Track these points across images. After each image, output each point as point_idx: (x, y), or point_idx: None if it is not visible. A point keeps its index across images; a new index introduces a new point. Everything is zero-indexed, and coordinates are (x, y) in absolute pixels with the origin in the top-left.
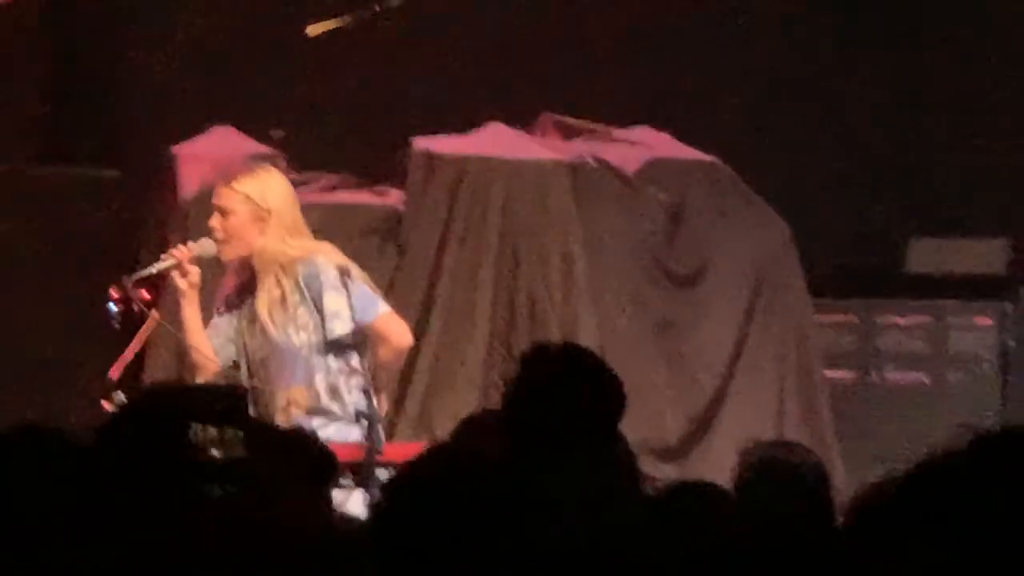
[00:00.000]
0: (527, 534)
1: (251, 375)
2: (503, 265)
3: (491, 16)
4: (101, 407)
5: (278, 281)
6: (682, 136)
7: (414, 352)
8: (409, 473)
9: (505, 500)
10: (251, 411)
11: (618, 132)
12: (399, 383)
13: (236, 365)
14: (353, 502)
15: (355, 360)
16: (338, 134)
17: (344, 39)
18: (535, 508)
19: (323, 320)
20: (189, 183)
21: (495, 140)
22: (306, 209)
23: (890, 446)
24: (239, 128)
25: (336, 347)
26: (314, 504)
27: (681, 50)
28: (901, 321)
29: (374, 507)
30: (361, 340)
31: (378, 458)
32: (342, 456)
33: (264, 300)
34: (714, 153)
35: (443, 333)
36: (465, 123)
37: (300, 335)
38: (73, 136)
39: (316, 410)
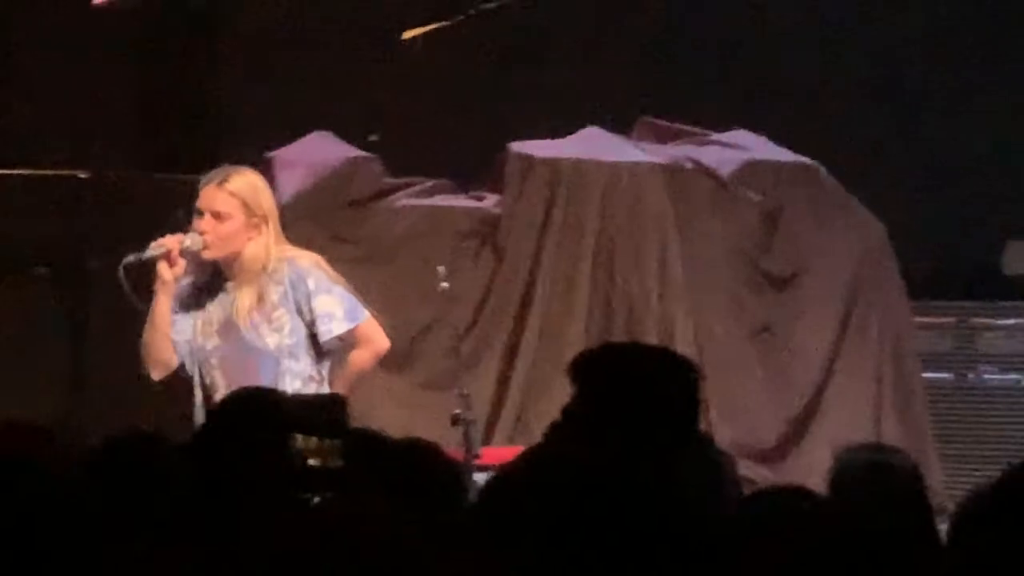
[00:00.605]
0: (621, 537)
1: (203, 376)
2: (600, 268)
3: (587, 20)
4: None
5: (258, 283)
6: (775, 138)
7: (511, 355)
8: (505, 477)
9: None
10: (202, 412)
11: (714, 135)
12: (496, 386)
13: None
14: None
15: (324, 368)
16: (435, 138)
17: (441, 43)
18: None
19: (314, 322)
20: (286, 187)
21: (591, 144)
22: (403, 212)
23: (988, 448)
24: (336, 133)
25: (308, 352)
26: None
27: (775, 53)
28: (998, 322)
29: (471, 511)
30: (335, 346)
31: (475, 462)
32: None
33: (243, 301)
34: (809, 154)
35: (540, 336)
36: (563, 127)
37: (272, 336)
38: (168, 142)
39: None
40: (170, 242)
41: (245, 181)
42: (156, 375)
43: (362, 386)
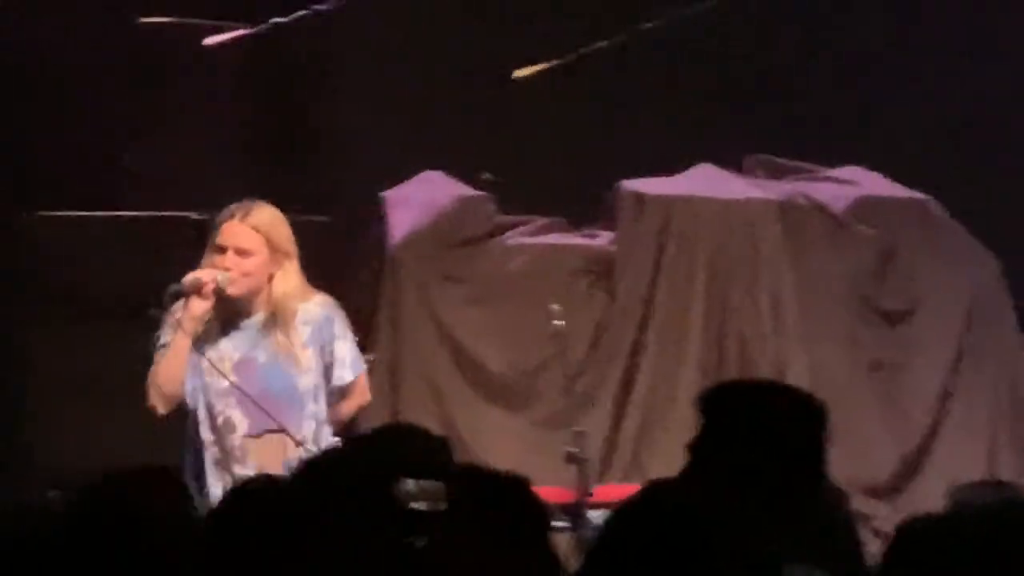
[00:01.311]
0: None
1: (213, 415)
2: (713, 305)
3: (698, 58)
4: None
5: (286, 321)
6: (890, 174)
7: (625, 393)
8: (621, 516)
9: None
10: (215, 454)
11: (827, 171)
12: (611, 424)
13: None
14: (565, 544)
15: (330, 412)
16: (547, 177)
17: (552, 82)
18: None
19: (333, 366)
20: (398, 227)
21: (704, 181)
22: (516, 251)
23: None
24: (448, 173)
25: (320, 396)
26: (527, 552)
27: (887, 88)
28: None
29: (586, 550)
30: (335, 392)
31: (589, 500)
32: (553, 498)
33: (272, 339)
34: (922, 190)
35: (654, 374)
36: (675, 164)
37: (302, 377)
38: (282, 183)
39: (291, 457)
40: (205, 276)
41: (267, 215)
42: (163, 409)
43: (478, 425)
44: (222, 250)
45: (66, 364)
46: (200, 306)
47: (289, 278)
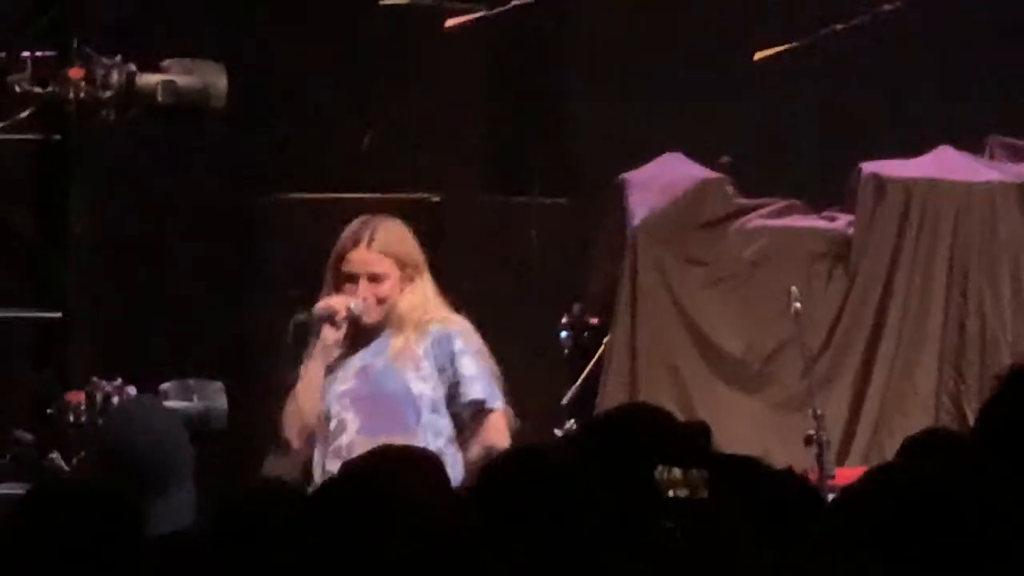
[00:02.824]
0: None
1: (327, 421)
2: (953, 289)
3: (939, 40)
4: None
5: (406, 330)
6: None
7: (865, 376)
8: (847, 495)
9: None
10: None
11: None
12: (850, 407)
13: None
14: None
15: (459, 438)
16: (787, 159)
17: (793, 63)
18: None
19: (457, 383)
20: (637, 210)
21: (944, 163)
22: (755, 233)
23: None
24: (688, 155)
25: (442, 409)
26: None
27: None
28: None
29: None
30: (466, 414)
31: (829, 483)
32: None
33: (395, 343)
34: None
35: (894, 358)
36: (913, 146)
37: (418, 384)
38: (521, 165)
39: None
40: (338, 304)
41: (392, 234)
42: (298, 443)
43: (716, 408)
44: (353, 278)
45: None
46: (333, 335)
47: (417, 291)
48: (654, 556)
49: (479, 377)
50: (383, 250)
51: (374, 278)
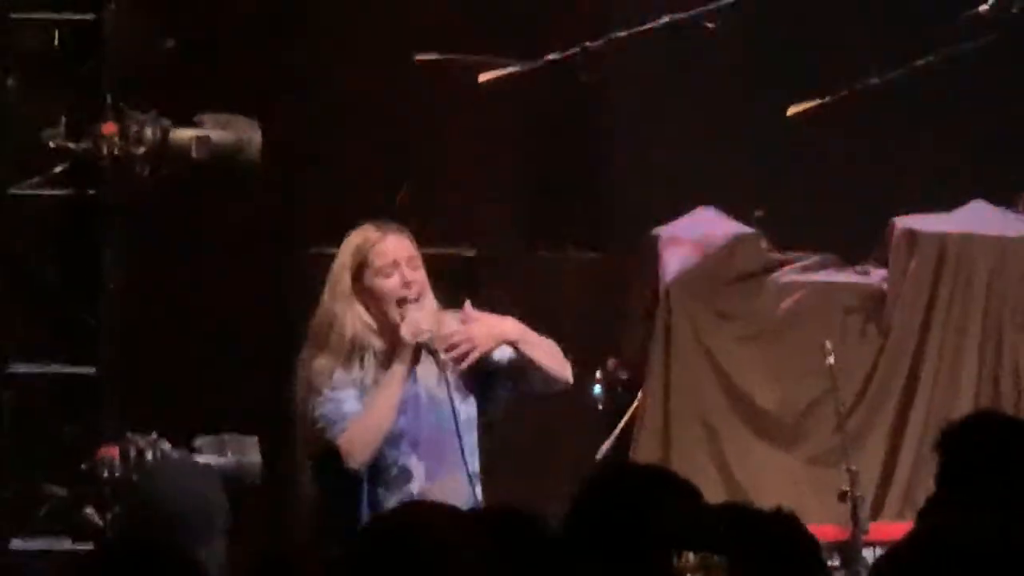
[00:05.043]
0: None
1: (383, 466)
2: (987, 344)
3: (973, 94)
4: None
5: (438, 350)
6: None
7: (899, 431)
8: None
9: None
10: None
11: None
12: (884, 462)
13: None
14: None
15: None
16: (820, 213)
17: (824, 118)
18: None
19: (489, 358)
20: (670, 265)
21: (977, 218)
22: (789, 288)
23: None
24: (721, 209)
25: (475, 424)
26: None
27: None
28: None
29: None
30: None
31: (864, 538)
32: (826, 537)
33: (431, 372)
34: None
35: (928, 411)
36: (946, 201)
37: (465, 408)
38: (554, 218)
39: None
40: (425, 325)
41: (410, 238)
42: (362, 464)
43: (750, 463)
44: (392, 267)
45: None
46: (410, 360)
47: (431, 298)
48: None
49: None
50: (409, 239)
51: (412, 261)
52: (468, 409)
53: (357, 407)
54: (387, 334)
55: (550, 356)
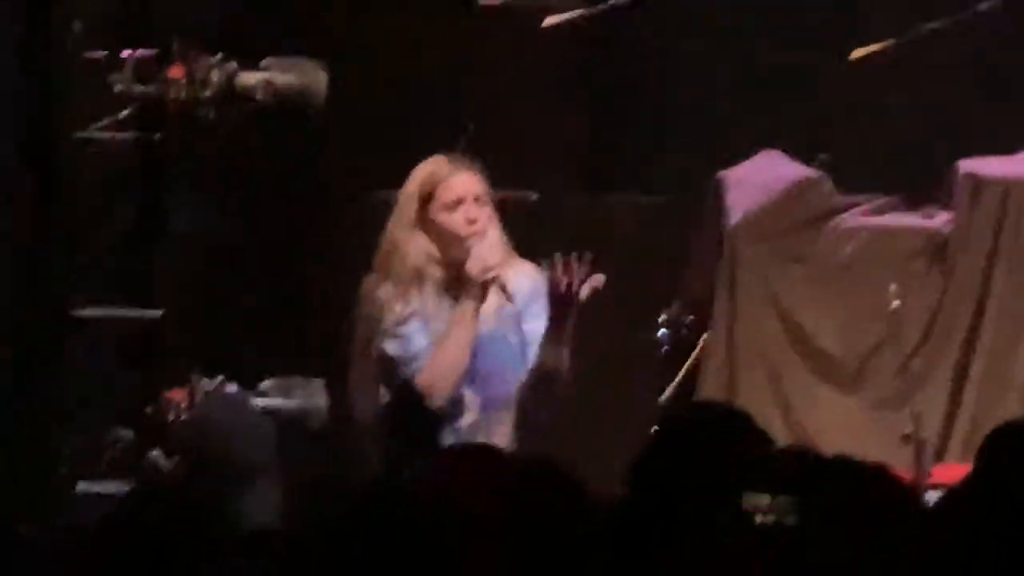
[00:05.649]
0: None
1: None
2: None
3: None
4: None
5: (502, 288)
6: None
7: (962, 374)
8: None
9: None
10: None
11: None
12: (947, 405)
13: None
14: None
15: None
16: (885, 157)
17: (890, 61)
18: None
19: (525, 347)
20: (734, 209)
21: None
22: (853, 231)
23: None
24: (785, 152)
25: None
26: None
27: None
28: None
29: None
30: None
31: (928, 482)
32: None
33: (489, 302)
34: None
35: (990, 355)
36: (1011, 144)
37: (528, 349)
38: (618, 163)
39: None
40: (492, 258)
41: (476, 168)
42: (444, 401)
43: (813, 406)
44: (458, 203)
45: None
46: (481, 299)
47: (499, 235)
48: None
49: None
50: (478, 175)
51: (480, 200)
52: (528, 346)
53: (425, 342)
54: (449, 268)
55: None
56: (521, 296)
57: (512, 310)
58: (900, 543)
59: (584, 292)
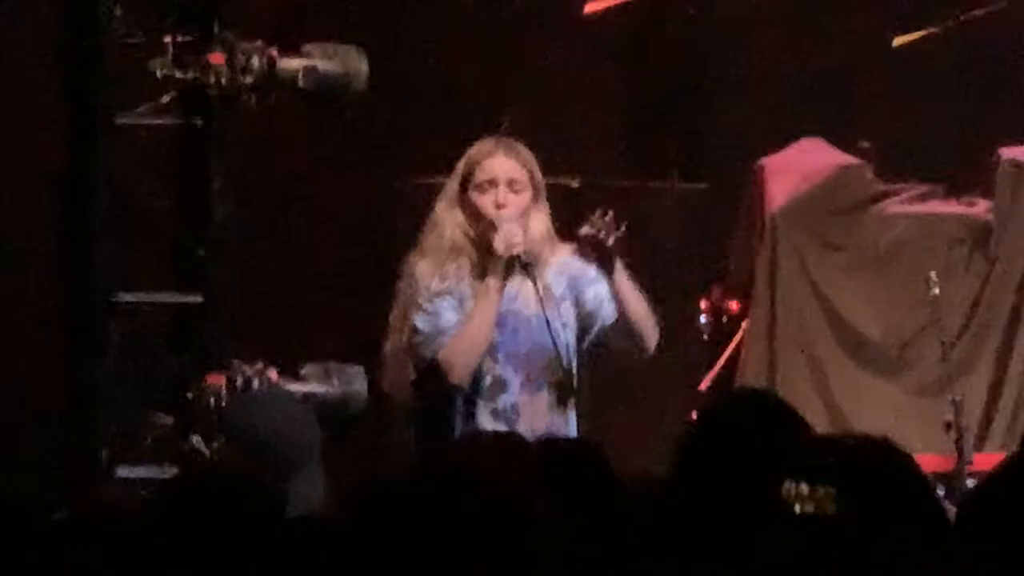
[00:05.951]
0: None
1: (479, 375)
2: None
3: None
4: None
5: (542, 268)
6: None
7: (1004, 361)
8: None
9: None
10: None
11: None
12: (989, 392)
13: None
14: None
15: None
16: (927, 144)
17: (930, 48)
18: None
19: (599, 309)
20: (776, 195)
21: None
22: (894, 219)
23: None
24: (827, 140)
25: (574, 356)
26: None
27: None
28: None
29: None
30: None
31: (968, 469)
32: (930, 467)
33: (535, 290)
34: None
35: None
36: None
37: (567, 332)
38: (660, 150)
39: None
40: (517, 236)
41: (526, 150)
42: (462, 379)
43: (854, 393)
44: (488, 186)
45: None
46: (504, 275)
47: (544, 220)
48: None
49: (608, 297)
50: (519, 160)
51: (513, 185)
52: (569, 337)
53: (454, 319)
54: (480, 248)
55: (645, 318)
56: (572, 270)
57: (559, 291)
58: (938, 531)
59: (611, 240)
